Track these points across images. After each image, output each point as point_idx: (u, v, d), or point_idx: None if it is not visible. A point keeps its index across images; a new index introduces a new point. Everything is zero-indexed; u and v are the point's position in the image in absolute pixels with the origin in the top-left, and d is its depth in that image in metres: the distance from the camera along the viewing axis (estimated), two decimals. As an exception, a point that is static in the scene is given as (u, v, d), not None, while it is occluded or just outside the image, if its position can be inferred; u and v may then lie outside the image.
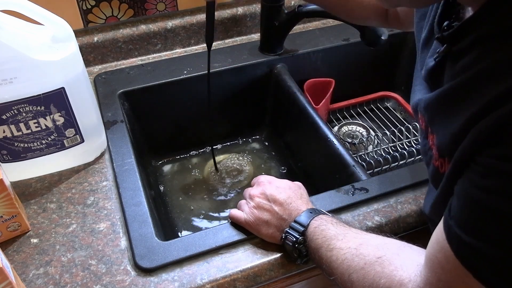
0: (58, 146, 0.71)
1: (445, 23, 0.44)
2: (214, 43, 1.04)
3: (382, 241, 0.51)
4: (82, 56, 0.69)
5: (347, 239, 0.53)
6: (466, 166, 0.38)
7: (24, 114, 0.65)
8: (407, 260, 0.47)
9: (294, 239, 0.56)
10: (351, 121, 1.08)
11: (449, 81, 0.42)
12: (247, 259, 0.60)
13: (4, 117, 0.64)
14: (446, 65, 0.43)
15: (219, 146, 1.06)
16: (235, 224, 0.64)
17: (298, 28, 1.08)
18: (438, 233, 0.41)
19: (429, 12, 0.52)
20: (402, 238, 0.63)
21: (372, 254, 0.49)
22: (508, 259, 0.35)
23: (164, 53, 1.01)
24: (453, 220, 0.39)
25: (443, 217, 0.41)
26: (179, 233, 0.87)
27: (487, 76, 0.36)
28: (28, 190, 0.71)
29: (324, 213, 0.58)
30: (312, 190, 0.68)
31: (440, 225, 0.41)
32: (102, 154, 0.77)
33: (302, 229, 0.56)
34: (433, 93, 0.45)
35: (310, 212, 0.58)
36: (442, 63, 0.44)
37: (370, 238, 0.53)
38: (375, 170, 0.92)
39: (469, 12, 0.42)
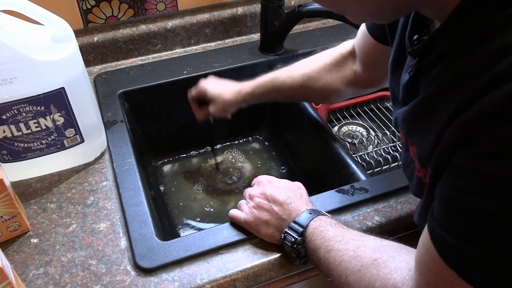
0: (58, 146, 0.71)
1: (415, 37, 0.46)
2: (214, 43, 1.05)
3: (380, 243, 0.51)
4: (82, 56, 0.69)
5: (345, 241, 0.53)
6: (444, 169, 0.39)
7: (24, 114, 0.65)
8: (402, 263, 0.47)
9: (293, 239, 0.56)
10: (351, 121, 1.08)
11: (423, 91, 0.43)
12: (247, 259, 0.60)
13: (4, 117, 0.64)
14: (421, 77, 0.44)
15: (219, 146, 1.06)
16: (235, 224, 0.64)
17: (298, 28, 1.08)
18: (424, 235, 0.42)
19: (396, 33, 0.52)
20: (401, 238, 0.63)
21: (369, 256, 0.49)
22: (489, 257, 0.35)
23: (164, 53, 1.01)
24: (435, 221, 0.39)
25: (427, 219, 0.42)
26: (179, 233, 0.87)
27: (456, 82, 0.37)
28: (28, 190, 0.71)
29: (323, 214, 0.58)
30: (312, 190, 0.68)
31: (426, 228, 0.42)
32: (102, 154, 0.77)
33: (301, 229, 0.56)
34: (409, 105, 0.46)
35: (310, 213, 0.58)
36: (417, 76, 0.45)
37: (368, 240, 0.53)
38: (375, 170, 0.92)
39: (438, 25, 0.43)
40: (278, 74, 0.80)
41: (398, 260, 0.48)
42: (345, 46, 0.77)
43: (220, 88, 0.83)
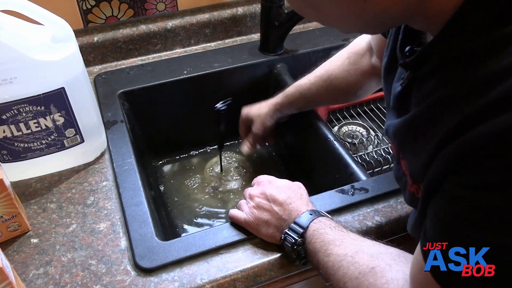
0: (58, 146, 0.71)
1: (407, 49, 0.45)
2: (214, 43, 1.05)
3: (378, 250, 0.51)
4: (82, 56, 0.69)
5: (344, 246, 0.53)
6: (436, 191, 0.39)
7: (24, 114, 0.65)
8: (399, 273, 0.47)
9: (293, 240, 0.56)
10: (351, 121, 1.08)
11: (415, 107, 0.43)
12: (247, 259, 0.60)
13: (4, 117, 0.64)
14: (413, 90, 0.44)
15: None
16: (235, 224, 0.64)
17: (298, 28, 1.08)
18: (417, 253, 0.42)
19: (388, 38, 0.52)
20: (402, 238, 0.63)
21: (367, 263, 0.49)
22: (480, 280, 0.35)
23: (164, 53, 1.01)
24: (427, 241, 0.40)
25: (420, 238, 0.42)
26: (179, 233, 0.87)
27: (448, 104, 0.37)
28: (28, 190, 0.71)
29: (323, 216, 0.58)
30: (312, 190, 0.68)
31: (419, 246, 0.42)
32: (102, 154, 0.77)
33: (301, 231, 0.56)
34: (400, 119, 0.46)
35: (310, 214, 0.58)
36: (409, 88, 0.45)
37: (367, 246, 0.52)
38: (375, 170, 0.92)
39: (430, 36, 0.42)
40: (302, 82, 0.83)
41: (395, 270, 0.48)
42: (358, 43, 0.78)
43: (257, 108, 0.89)
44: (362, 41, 0.77)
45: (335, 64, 0.79)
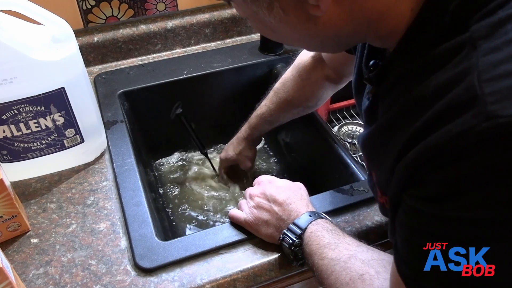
0: (58, 146, 0.71)
1: (371, 63, 0.46)
2: (214, 43, 1.05)
3: (371, 256, 0.51)
4: (82, 56, 0.69)
5: (338, 250, 0.53)
6: (398, 204, 0.40)
7: (24, 114, 0.65)
8: (386, 281, 0.47)
9: (291, 241, 0.56)
10: (351, 121, 1.08)
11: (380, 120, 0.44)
12: (247, 259, 0.60)
13: (4, 117, 0.64)
14: (379, 103, 0.45)
15: (219, 146, 1.06)
16: (235, 224, 0.64)
17: (298, 28, 1.08)
18: (393, 266, 0.42)
19: (355, 56, 0.53)
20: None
21: (357, 270, 0.50)
22: (480, 280, 0.35)
23: (164, 53, 1.01)
24: (398, 254, 0.40)
25: (393, 251, 0.42)
26: (179, 233, 0.87)
27: (403, 116, 0.38)
28: (28, 190, 0.71)
29: (322, 217, 0.58)
30: (312, 190, 0.68)
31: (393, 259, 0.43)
32: (102, 154, 0.77)
33: (299, 232, 0.56)
34: (366, 131, 0.46)
35: (309, 216, 0.58)
36: (375, 102, 0.46)
37: (361, 252, 0.52)
38: (375, 170, 0.92)
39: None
40: (263, 111, 0.85)
41: (382, 278, 0.48)
42: (303, 59, 0.79)
43: (233, 149, 0.91)
44: (306, 55, 0.78)
45: (290, 85, 0.81)
